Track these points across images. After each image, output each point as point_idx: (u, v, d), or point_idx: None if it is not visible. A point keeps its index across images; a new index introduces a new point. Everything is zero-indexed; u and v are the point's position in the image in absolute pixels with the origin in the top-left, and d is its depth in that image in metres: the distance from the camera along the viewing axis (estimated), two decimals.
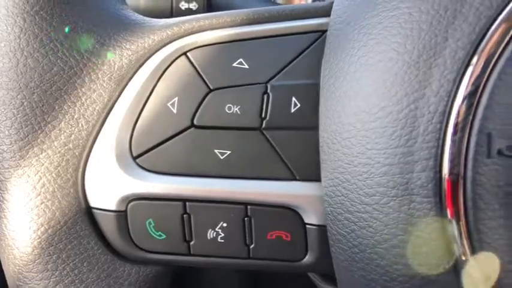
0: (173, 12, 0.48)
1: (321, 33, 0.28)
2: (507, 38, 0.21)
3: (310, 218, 0.28)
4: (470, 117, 0.22)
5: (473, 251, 0.22)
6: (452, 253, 0.22)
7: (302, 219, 0.28)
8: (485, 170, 0.22)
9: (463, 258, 0.22)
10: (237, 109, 0.27)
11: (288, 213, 0.28)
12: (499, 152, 0.22)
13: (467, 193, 0.22)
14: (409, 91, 0.22)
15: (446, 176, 0.22)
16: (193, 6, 0.46)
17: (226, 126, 0.27)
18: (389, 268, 0.23)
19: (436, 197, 0.22)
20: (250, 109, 0.27)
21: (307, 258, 0.29)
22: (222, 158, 0.27)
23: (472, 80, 0.22)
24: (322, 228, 0.28)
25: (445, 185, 0.22)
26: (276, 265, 0.29)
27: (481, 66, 0.22)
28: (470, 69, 0.22)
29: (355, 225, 0.24)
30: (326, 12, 0.28)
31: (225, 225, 0.28)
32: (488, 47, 0.22)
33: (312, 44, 0.28)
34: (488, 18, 0.22)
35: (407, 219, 0.23)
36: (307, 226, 0.28)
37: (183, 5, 0.45)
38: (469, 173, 0.22)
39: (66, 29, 0.27)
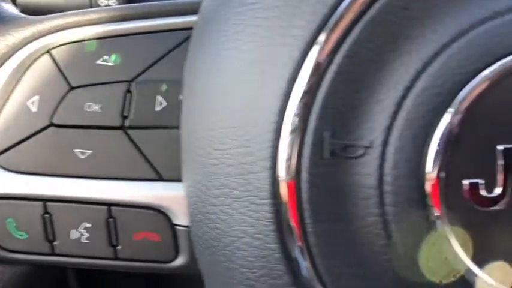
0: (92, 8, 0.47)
1: (191, 30, 0.28)
2: (341, 36, 0.21)
3: (179, 219, 0.27)
4: (305, 117, 0.21)
5: (310, 253, 0.21)
6: (291, 256, 0.22)
7: (171, 220, 0.27)
8: (320, 171, 0.21)
9: (301, 260, 0.21)
10: (97, 107, 0.27)
11: (155, 214, 0.27)
12: (333, 153, 0.21)
13: (303, 195, 0.21)
14: (249, 90, 0.22)
15: (282, 177, 0.21)
16: (112, 2, 0.45)
17: (86, 125, 0.27)
18: (236, 271, 0.23)
19: (274, 198, 0.21)
20: (112, 107, 0.27)
21: (179, 260, 0.28)
22: (82, 157, 0.27)
23: (307, 79, 0.21)
24: None
25: (281, 186, 0.21)
26: (145, 266, 0.28)
27: (318, 65, 0.21)
28: (305, 68, 0.21)
29: (206, 226, 0.24)
30: (198, 9, 0.28)
31: (88, 225, 0.27)
32: (325, 45, 0.21)
33: (182, 42, 0.28)
34: (324, 16, 0.21)
35: (247, 221, 0.22)
36: (176, 227, 0.27)
37: (102, 2, 0.45)
38: (304, 174, 0.21)
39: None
